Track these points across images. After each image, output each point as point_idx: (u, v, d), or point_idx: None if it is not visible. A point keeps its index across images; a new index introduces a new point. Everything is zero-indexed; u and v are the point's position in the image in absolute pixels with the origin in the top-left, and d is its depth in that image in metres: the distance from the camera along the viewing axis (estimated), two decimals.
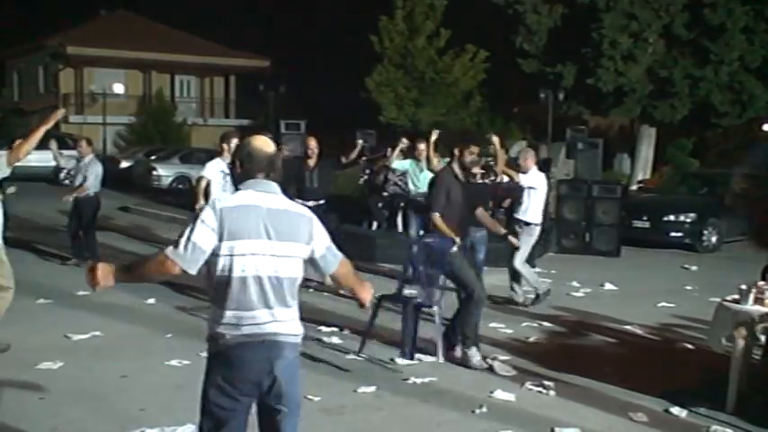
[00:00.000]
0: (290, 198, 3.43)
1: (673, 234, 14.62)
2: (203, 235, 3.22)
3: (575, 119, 24.05)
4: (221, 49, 39.41)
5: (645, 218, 14.85)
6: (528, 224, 9.18)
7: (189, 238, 3.21)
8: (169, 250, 3.22)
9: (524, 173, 9.18)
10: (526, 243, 9.12)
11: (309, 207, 11.48)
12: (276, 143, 3.58)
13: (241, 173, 3.41)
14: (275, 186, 3.42)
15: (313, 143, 10.16)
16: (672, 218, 14.75)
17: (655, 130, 25.42)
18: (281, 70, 35.39)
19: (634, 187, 22.50)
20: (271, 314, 3.33)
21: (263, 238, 3.29)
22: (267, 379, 3.32)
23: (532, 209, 9.19)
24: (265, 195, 3.36)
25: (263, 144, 3.44)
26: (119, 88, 37.71)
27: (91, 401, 5.56)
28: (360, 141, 10.98)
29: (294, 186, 9.78)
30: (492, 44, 27.43)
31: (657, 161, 26.42)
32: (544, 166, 16.59)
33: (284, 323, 3.36)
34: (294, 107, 27.72)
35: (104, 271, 3.31)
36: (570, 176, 15.27)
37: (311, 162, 10.01)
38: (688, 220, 14.67)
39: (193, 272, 3.24)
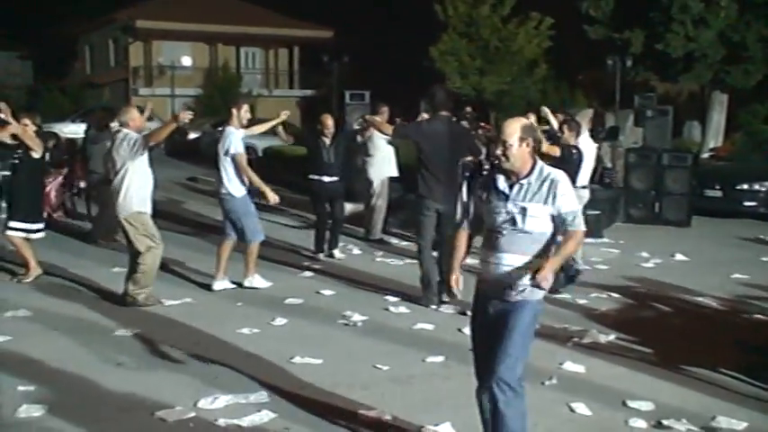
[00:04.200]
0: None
1: (747, 203, 14.21)
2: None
3: (642, 85, 23.50)
4: (285, 20, 39.57)
5: (717, 187, 14.45)
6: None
7: None
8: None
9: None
10: None
11: (327, 183, 11.47)
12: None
13: (532, 150, 4.01)
14: None
15: (329, 121, 10.06)
16: (746, 186, 14.33)
17: (726, 96, 24.68)
18: (344, 40, 35.39)
19: (705, 155, 21.89)
20: None
21: None
22: None
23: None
24: None
25: None
26: (186, 61, 38.20)
27: (165, 368, 5.71)
28: (384, 108, 10.91)
29: (309, 162, 9.74)
30: (557, 11, 26.94)
31: (729, 128, 25.67)
32: (610, 134, 16.32)
33: None
34: (357, 77, 27.72)
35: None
36: (639, 144, 14.96)
37: (327, 140, 9.97)
38: (763, 189, 14.22)
39: None
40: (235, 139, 7.92)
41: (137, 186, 7.24)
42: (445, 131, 7.53)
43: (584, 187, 9.11)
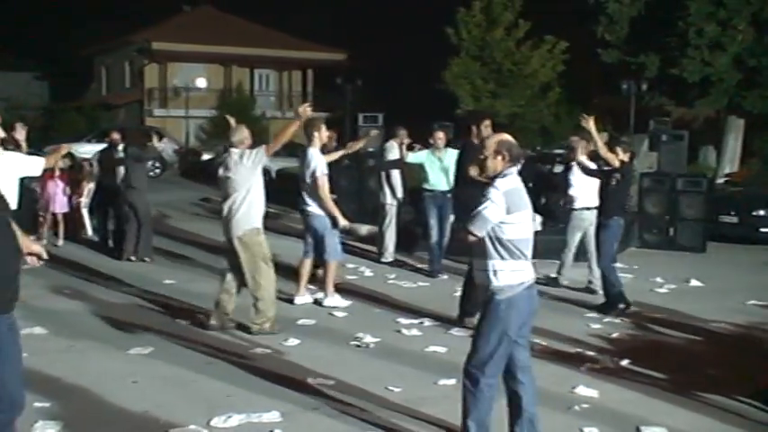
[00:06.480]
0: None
1: (762, 229, 14.12)
2: (493, 212, 4.25)
3: (656, 110, 23.50)
4: (299, 42, 39.87)
5: (732, 212, 14.37)
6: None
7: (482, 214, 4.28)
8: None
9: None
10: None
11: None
12: None
13: (508, 162, 4.35)
14: None
15: (330, 134, 10.12)
16: (762, 212, 14.25)
17: (743, 121, 24.62)
18: (357, 63, 35.60)
19: (720, 181, 21.81)
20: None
21: (529, 209, 4.38)
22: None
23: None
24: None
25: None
26: (201, 82, 38.48)
27: (179, 387, 5.72)
28: (374, 132, 10.95)
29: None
30: (571, 34, 27.01)
31: (745, 154, 25.57)
32: None
33: None
34: (371, 99, 27.85)
35: None
36: (653, 169, 14.93)
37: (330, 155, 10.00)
38: None
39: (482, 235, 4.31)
40: (321, 160, 8.18)
41: (258, 203, 7.23)
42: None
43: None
